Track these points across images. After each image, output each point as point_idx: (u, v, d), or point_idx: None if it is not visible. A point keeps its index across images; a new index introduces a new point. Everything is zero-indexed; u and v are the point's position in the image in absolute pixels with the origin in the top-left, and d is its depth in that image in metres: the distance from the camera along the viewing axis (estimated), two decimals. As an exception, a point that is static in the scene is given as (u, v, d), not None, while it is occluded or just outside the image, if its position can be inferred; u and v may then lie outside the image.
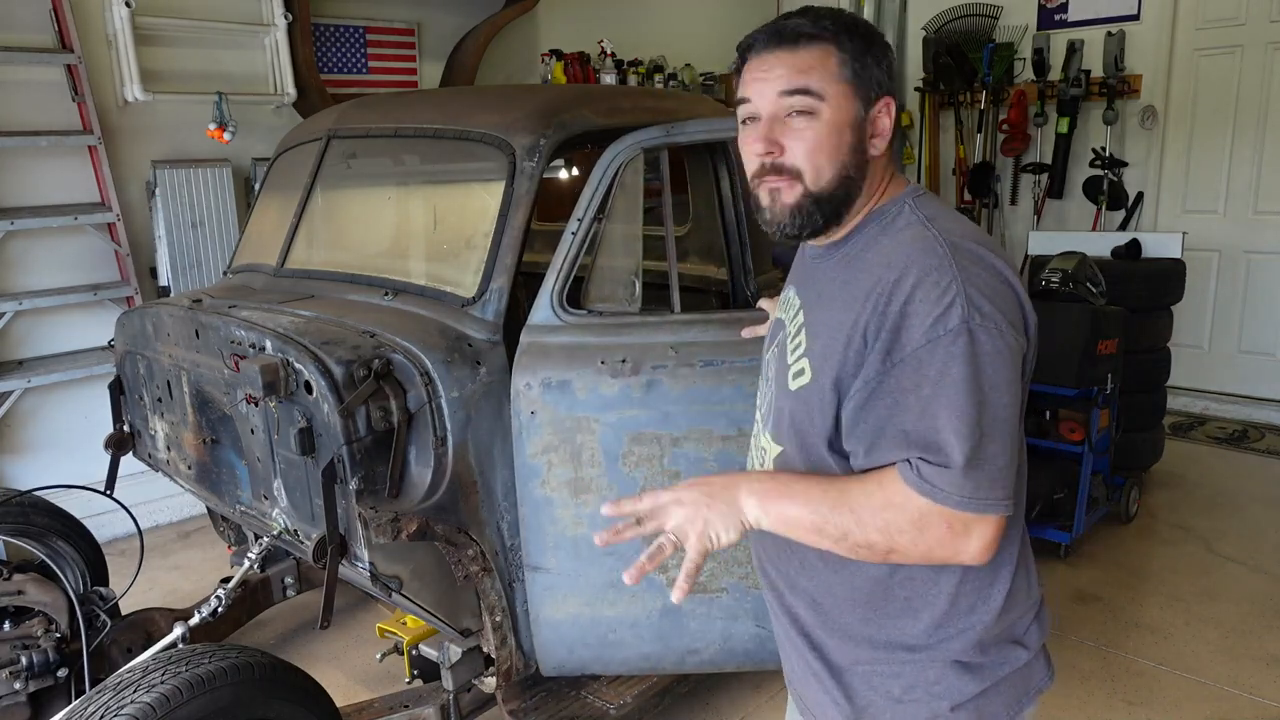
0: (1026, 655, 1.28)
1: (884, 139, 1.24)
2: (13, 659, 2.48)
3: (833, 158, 1.21)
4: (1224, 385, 5.98)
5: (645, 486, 2.26)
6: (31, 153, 4.05)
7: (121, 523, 3.72)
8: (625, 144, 2.32)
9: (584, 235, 2.31)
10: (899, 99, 1.30)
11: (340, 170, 2.90)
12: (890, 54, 1.24)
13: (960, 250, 1.14)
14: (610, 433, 2.25)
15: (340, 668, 3.24)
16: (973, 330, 1.08)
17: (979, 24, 6.63)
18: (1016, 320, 1.12)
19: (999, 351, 1.09)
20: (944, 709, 1.23)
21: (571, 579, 2.35)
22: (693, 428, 2.25)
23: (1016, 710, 1.28)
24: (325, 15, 4.98)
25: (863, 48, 1.21)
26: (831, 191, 1.22)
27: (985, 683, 1.24)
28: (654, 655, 2.44)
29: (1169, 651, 3.26)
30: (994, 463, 1.09)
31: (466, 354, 2.22)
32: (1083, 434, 3.92)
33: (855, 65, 1.20)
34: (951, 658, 1.23)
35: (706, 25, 7.10)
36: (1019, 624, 1.28)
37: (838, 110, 1.20)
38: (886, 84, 1.23)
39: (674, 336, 2.27)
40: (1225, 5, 5.70)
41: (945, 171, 7.00)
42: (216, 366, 2.39)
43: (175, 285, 4.28)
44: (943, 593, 1.21)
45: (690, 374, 2.24)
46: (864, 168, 1.23)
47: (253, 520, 2.52)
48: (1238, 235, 5.83)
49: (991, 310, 1.09)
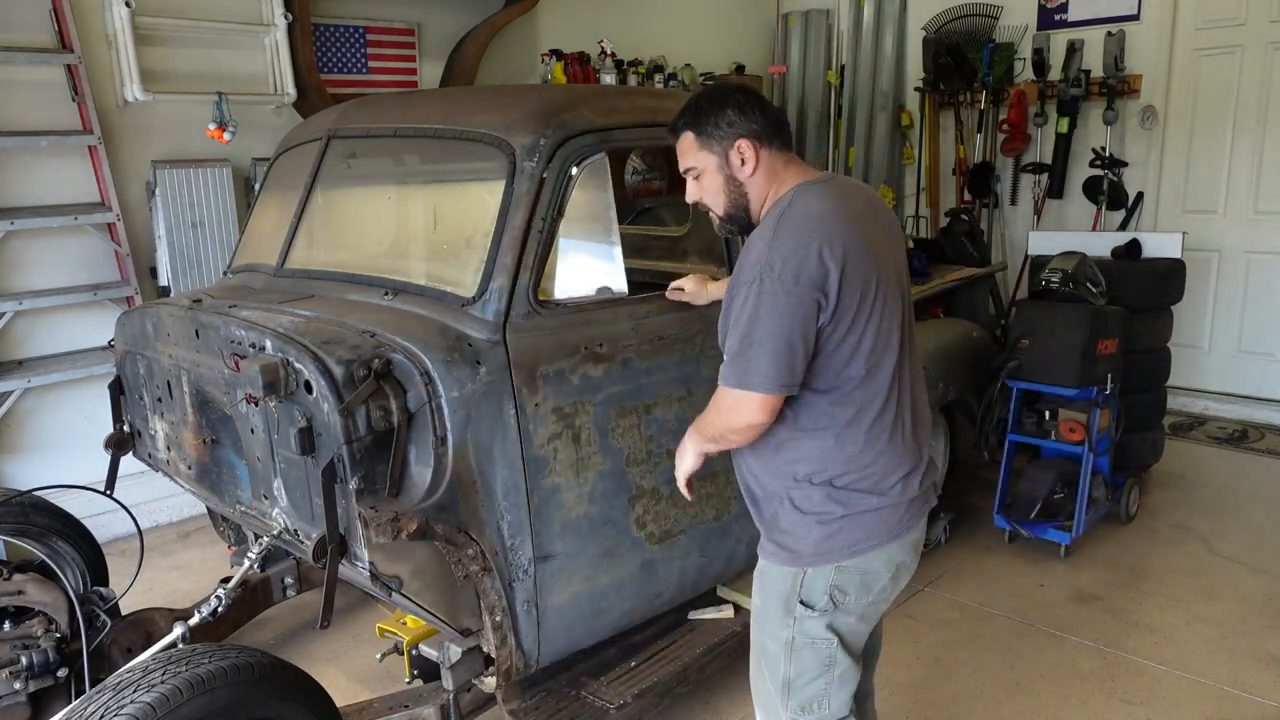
0: (883, 502, 1.84)
1: (749, 163, 1.86)
2: (13, 659, 2.48)
3: (718, 197, 1.92)
4: (1224, 385, 5.98)
5: (628, 454, 2.54)
6: (31, 153, 4.06)
7: (121, 523, 3.72)
8: (573, 146, 2.42)
9: (548, 232, 2.36)
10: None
11: (340, 170, 2.90)
12: (728, 107, 1.84)
13: (785, 225, 1.74)
14: (601, 411, 2.47)
15: (340, 668, 3.24)
16: (763, 279, 1.71)
17: (979, 24, 6.63)
18: (804, 274, 1.69)
19: (775, 294, 1.70)
20: (813, 520, 1.84)
21: (575, 558, 2.45)
22: (659, 395, 2.61)
23: (876, 543, 1.85)
24: (325, 15, 4.99)
25: (704, 122, 1.86)
26: (731, 212, 1.93)
27: (849, 510, 1.83)
28: (631, 609, 2.67)
29: (1169, 651, 3.27)
30: (754, 360, 1.71)
31: (466, 354, 2.22)
32: (1083, 434, 3.92)
33: (704, 138, 1.88)
34: (823, 489, 1.84)
35: (706, 25, 7.11)
36: (881, 481, 1.84)
37: (708, 169, 1.90)
38: (732, 130, 1.84)
39: (631, 319, 2.55)
40: (1225, 5, 5.70)
41: (945, 171, 7.00)
42: (216, 366, 2.40)
43: (175, 285, 4.28)
44: (802, 449, 1.84)
45: (651, 348, 2.58)
46: (743, 187, 1.89)
47: (253, 520, 2.52)
48: (1238, 235, 5.83)
49: (780, 267, 1.70)
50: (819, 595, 1.86)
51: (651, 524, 2.61)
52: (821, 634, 1.89)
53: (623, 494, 2.53)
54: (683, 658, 2.78)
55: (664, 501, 2.63)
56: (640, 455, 2.56)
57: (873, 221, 1.85)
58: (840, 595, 1.86)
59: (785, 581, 1.89)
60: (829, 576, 1.85)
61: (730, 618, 2.97)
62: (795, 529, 1.86)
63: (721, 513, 2.82)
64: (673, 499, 2.62)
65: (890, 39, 7.12)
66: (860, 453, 1.82)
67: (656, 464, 2.59)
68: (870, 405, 1.82)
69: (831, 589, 1.86)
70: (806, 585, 1.87)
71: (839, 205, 1.80)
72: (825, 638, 1.89)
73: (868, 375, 1.80)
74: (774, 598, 1.92)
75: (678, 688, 2.71)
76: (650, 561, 2.65)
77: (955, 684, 3.09)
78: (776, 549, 1.90)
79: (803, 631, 1.89)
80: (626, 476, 2.54)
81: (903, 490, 1.87)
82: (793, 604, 1.88)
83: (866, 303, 1.76)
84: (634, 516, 2.57)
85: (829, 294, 1.71)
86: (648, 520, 2.60)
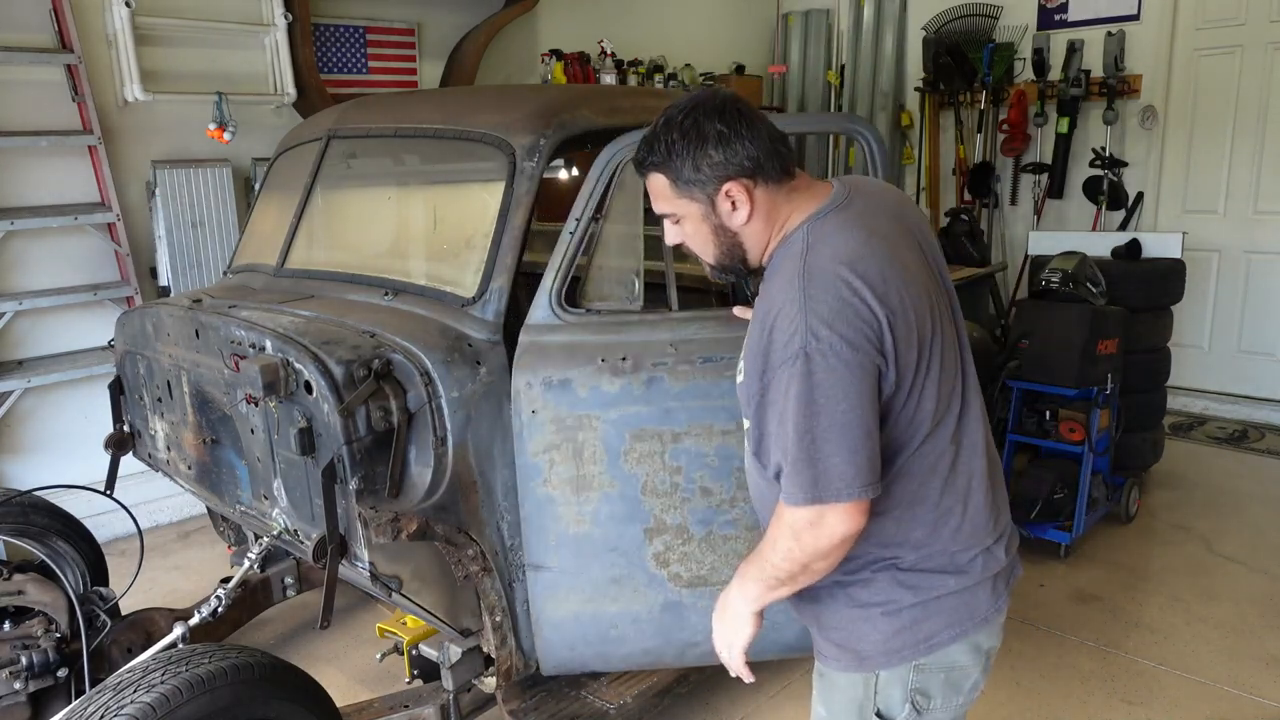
0: (963, 582, 1.52)
1: (742, 209, 1.48)
2: (13, 659, 2.48)
3: (705, 246, 1.56)
4: (1224, 385, 5.98)
5: (646, 482, 2.30)
6: (31, 153, 4.05)
7: (121, 523, 3.72)
8: (622, 143, 2.32)
9: (582, 235, 2.30)
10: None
11: (340, 170, 2.90)
12: (708, 145, 1.46)
13: (814, 278, 1.38)
14: (612, 430, 2.27)
15: (340, 668, 3.24)
16: (809, 353, 1.34)
17: (979, 24, 6.63)
18: (858, 335, 1.35)
19: (832, 368, 1.34)
20: (878, 612, 1.52)
21: (573, 576, 2.35)
22: (693, 423, 2.29)
23: (959, 632, 1.53)
24: (325, 15, 4.98)
25: (679, 165, 1.47)
26: (722, 263, 1.57)
27: (920, 597, 1.50)
28: (655, 650, 2.45)
29: (1169, 651, 3.26)
30: (827, 461, 1.34)
31: (466, 354, 2.22)
32: (1083, 434, 3.92)
33: (679, 184, 1.49)
34: (887, 574, 1.51)
35: (706, 25, 7.11)
36: (958, 556, 1.52)
37: (689, 216, 1.53)
38: (719, 173, 1.46)
39: (673, 334, 2.30)
40: (1225, 5, 5.70)
41: (945, 171, 6.99)
42: (216, 366, 2.39)
43: (175, 285, 4.28)
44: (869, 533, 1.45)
45: (690, 370, 2.28)
46: (736, 236, 1.52)
47: (253, 520, 2.52)
48: (1238, 235, 5.83)
49: (828, 334, 1.34)
50: (898, 704, 1.54)
51: (677, 564, 2.37)
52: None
53: (635, 523, 2.33)
54: (683, 658, 2.77)
55: (694, 544, 2.37)
56: (663, 487, 2.31)
57: (905, 238, 1.52)
58: (923, 699, 1.54)
59: (855, 690, 1.57)
60: (907, 679, 1.53)
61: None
62: (856, 625, 1.54)
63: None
64: (708, 543, 2.37)
65: (890, 39, 7.12)
66: (931, 534, 1.51)
67: (685, 500, 2.33)
68: (935, 474, 1.49)
69: (912, 694, 1.54)
70: (881, 692, 1.54)
71: (871, 234, 1.45)
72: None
73: (930, 437, 1.47)
74: (843, 711, 1.60)
75: (678, 688, 2.70)
76: (676, 604, 2.41)
77: (955, 684, 3.09)
78: (838, 651, 1.57)
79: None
80: (642, 506, 2.32)
81: (985, 565, 1.55)
82: (868, 716, 1.57)
83: (925, 352, 1.43)
84: (652, 551, 2.35)
85: (888, 354, 1.38)
86: (671, 559, 2.36)
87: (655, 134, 1.51)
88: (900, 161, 7.31)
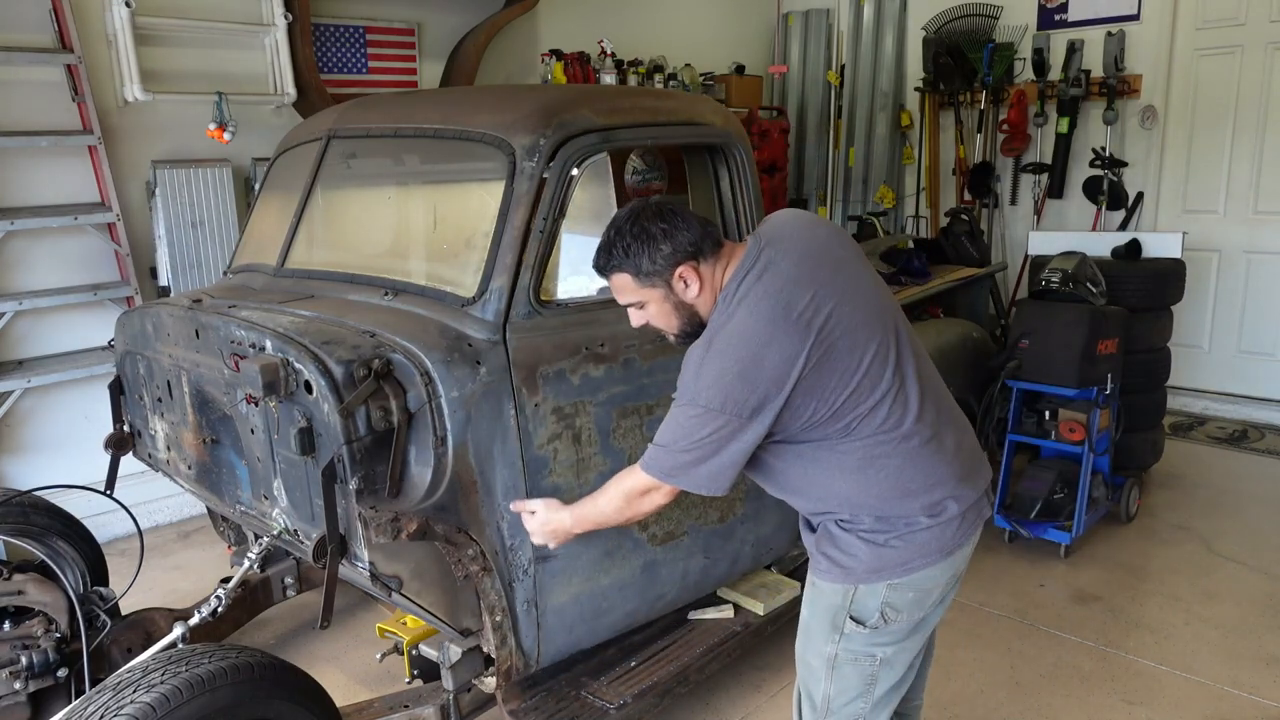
0: (936, 520, 1.81)
1: (693, 285, 1.82)
2: (13, 659, 2.48)
3: (669, 321, 1.89)
4: (1224, 385, 5.99)
5: (630, 455, 2.50)
6: (31, 153, 4.05)
7: (121, 523, 3.72)
8: (576, 146, 2.41)
9: (550, 233, 2.36)
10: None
11: (340, 170, 2.90)
12: (657, 241, 1.79)
13: (715, 346, 1.73)
14: (602, 411, 2.47)
15: (340, 668, 3.24)
16: (693, 404, 1.73)
17: (979, 24, 6.63)
18: (733, 400, 1.69)
19: (699, 418, 1.73)
20: (863, 541, 1.82)
21: (575, 558, 2.45)
22: (661, 395, 2.58)
23: (930, 560, 1.81)
24: (325, 15, 4.99)
25: (638, 262, 1.81)
26: (685, 330, 1.89)
27: (900, 532, 1.81)
28: (633, 610, 2.66)
29: (1169, 651, 3.27)
30: (672, 459, 1.79)
31: (466, 354, 2.22)
32: (1083, 434, 3.92)
33: (640, 276, 1.83)
34: (873, 518, 1.82)
35: (706, 25, 7.11)
36: (929, 503, 1.80)
37: (653, 300, 1.86)
38: (671, 261, 1.79)
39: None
40: (1225, 5, 5.70)
41: (945, 171, 7.00)
42: (216, 366, 2.40)
43: (175, 285, 4.28)
44: (820, 495, 1.86)
45: (652, 349, 2.56)
46: (692, 307, 1.85)
47: (253, 520, 2.52)
48: (1238, 235, 5.83)
49: (708, 396, 1.71)
50: (870, 612, 1.84)
51: (654, 524, 2.61)
52: (866, 651, 1.86)
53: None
54: (683, 658, 2.77)
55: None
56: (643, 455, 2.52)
57: (811, 259, 1.80)
58: (892, 612, 1.84)
59: (836, 597, 1.86)
60: (881, 594, 1.83)
61: (730, 618, 2.96)
62: (848, 546, 1.84)
63: (725, 514, 2.82)
64: (676, 500, 2.59)
65: (890, 39, 7.12)
66: (891, 490, 1.80)
67: None
68: (891, 439, 1.78)
69: (884, 606, 1.83)
70: (857, 602, 1.84)
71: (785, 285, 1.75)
72: (870, 655, 1.87)
73: (874, 412, 1.76)
74: (822, 612, 1.90)
75: (678, 688, 2.71)
76: (653, 562, 2.64)
77: (955, 684, 3.09)
78: (829, 564, 1.87)
79: (848, 648, 1.87)
80: None
81: (956, 504, 1.84)
82: (841, 619, 1.86)
83: (857, 357, 1.74)
84: None
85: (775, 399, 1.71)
86: (650, 520, 2.59)
87: (610, 242, 1.83)
88: (901, 161, 7.31)
